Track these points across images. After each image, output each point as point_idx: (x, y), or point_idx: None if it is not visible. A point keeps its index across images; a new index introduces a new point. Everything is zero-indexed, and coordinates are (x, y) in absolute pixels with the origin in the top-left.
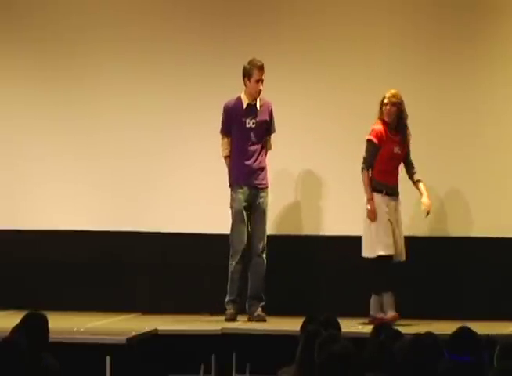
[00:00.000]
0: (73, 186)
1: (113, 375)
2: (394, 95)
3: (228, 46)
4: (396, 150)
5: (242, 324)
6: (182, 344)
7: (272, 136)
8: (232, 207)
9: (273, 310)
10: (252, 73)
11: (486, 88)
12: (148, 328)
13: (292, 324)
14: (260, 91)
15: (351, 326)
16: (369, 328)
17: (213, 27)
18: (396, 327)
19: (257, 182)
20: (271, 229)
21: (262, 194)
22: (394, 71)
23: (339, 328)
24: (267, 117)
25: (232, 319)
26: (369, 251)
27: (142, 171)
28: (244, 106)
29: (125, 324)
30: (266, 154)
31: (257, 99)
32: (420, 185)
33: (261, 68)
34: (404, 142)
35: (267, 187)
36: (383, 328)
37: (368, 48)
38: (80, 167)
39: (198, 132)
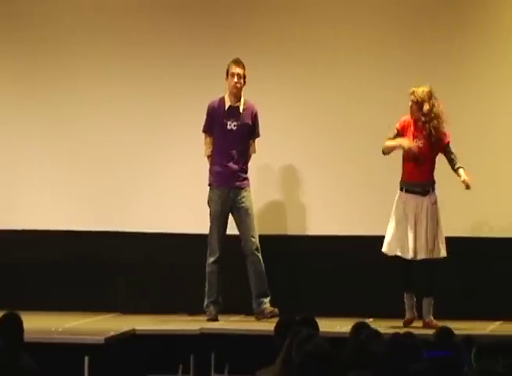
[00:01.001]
0: (52, 186)
1: (91, 375)
2: (412, 93)
3: (214, 47)
4: (418, 143)
5: (221, 324)
6: (160, 344)
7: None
8: (209, 205)
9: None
10: (229, 68)
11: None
12: (126, 328)
13: (272, 324)
14: (235, 85)
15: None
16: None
17: (199, 29)
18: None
19: (237, 183)
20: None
21: (244, 194)
22: (377, 69)
23: (317, 328)
24: (250, 121)
25: (214, 320)
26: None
27: (126, 172)
28: (226, 108)
29: (103, 324)
30: (249, 158)
31: (241, 102)
32: (460, 170)
33: (236, 62)
34: (430, 137)
35: (248, 186)
36: (362, 328)
37: (353, 48)
38: (64, 169)
39: (182, 134)
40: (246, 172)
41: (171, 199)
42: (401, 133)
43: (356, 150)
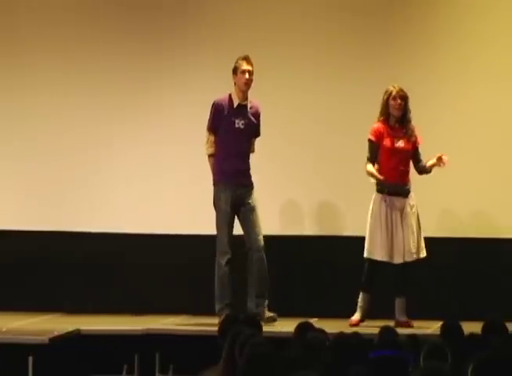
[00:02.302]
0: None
1: (35, 375)
2: (402, 89)
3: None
4: (398, 143)
5: (164, 324)
6: (104, 344)
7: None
8: (216, 206)
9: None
10: (238, 65)
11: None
12: (71, 328)
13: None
14: (247, 81)
15: None
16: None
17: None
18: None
19: (243, 181)
20: None
21: (250, 192)
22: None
23: (260, 328)
24: (255, 120)
25: None
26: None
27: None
28: (235, 106)
29: (48, 324)
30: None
31: (248, 100)
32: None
33: (245, 59)
34: (409, 136)
35: (252, 185)
36: (307, 328)
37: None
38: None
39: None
40: (249, 171)
41: (120, 198)
42: (377, 143)
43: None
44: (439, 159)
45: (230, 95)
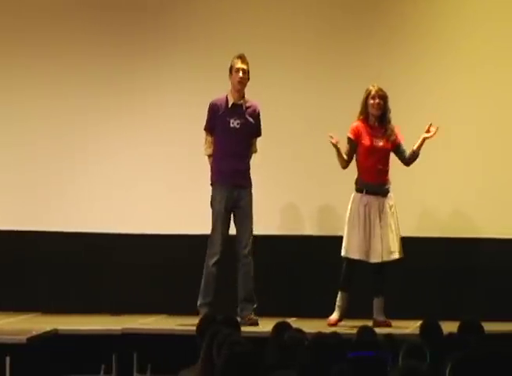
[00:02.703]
0: None
1: (12, 375)
2: (381, 89)
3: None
4: (377, 142)
5: (142, 324)
6: (82, 344)
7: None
8: (212, 206)
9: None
10: (233, 64)
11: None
12: (48, 328)
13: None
14: (241, 80)
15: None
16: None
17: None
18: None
19: (240, 181)
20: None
21: (246, 194)
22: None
23: (238, 328)
24: (253, 120)
25: None
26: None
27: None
28: (229, 105)
29: (25, 324)
30: (251, 156)
31: (244, 99)
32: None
33: (240, 58)
34: (388, 135)
35: (250, 187)
36: (284, 327)
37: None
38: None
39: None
40: (249, 171)
41: (98, 198)
42: (356, 141)
43: None
44: (427, 131)
45: (225, 96)
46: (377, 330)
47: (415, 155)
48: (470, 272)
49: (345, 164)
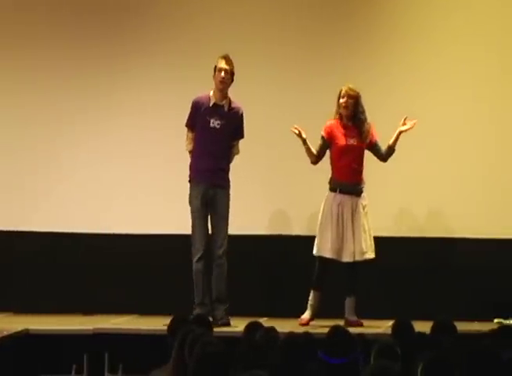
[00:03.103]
0: None
1: None
2: (351, 88)
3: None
4: (351, 141)
5: (114, 323)
6: (53, 344)
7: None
8: (190, 203)
9: None
10: (217, 64)
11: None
12: (20, 328)
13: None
14: (222, 80)
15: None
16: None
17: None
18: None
19: (216, 181)
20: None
21: (222, 194)
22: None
23: (211, 327)
24: (235, 122)
25: None
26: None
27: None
28: (210, 105)
29: None
30: (232, 158)
31: (226, 100)
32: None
33: (223, 58)
34: (361, 135)
35: (227, 188)
36: (256, 327)
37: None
38: None
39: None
40: (227, 172)
41: (68, 197)
42: (329, 140)
43: None
44: (403, 124)
45: (208, 94)
46: (350, 329)
47: (391, 150)
48: (444, 272)
49: (314, 160)
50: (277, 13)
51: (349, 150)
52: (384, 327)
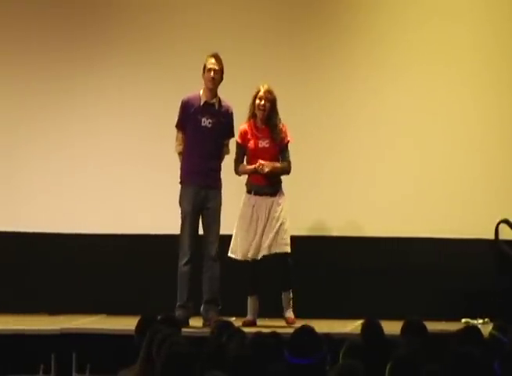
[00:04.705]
0: None
1: None
2: (270, 91)
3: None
4: (263, 143)
5: (82, 323)
6: (20, 344)
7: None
8: (181, 205)
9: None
10: (206, 62)
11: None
12: None
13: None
14: (211, 79)
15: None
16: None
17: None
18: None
19: (208, 182)
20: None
21: (214, 194)
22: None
23: (179, 327)
24: (226, 120)
25: (184, 322)
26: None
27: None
28: (201, 104)
29: None
30: (223, 158)
31: (216, 99)
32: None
33: (213, 56)
34: (274, 136)
35: (219, 188)
36: (224, 327)
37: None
38: None
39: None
40: (218, 172)
41: (35, 196)
42: (243, 145)
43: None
44: (258, 165)
45: (198, 93)
46: (317, 329)
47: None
48: (412, 272)
49: (237, 170)
50: (270, 11)
51: (261, 153)
52: (351, 327)
